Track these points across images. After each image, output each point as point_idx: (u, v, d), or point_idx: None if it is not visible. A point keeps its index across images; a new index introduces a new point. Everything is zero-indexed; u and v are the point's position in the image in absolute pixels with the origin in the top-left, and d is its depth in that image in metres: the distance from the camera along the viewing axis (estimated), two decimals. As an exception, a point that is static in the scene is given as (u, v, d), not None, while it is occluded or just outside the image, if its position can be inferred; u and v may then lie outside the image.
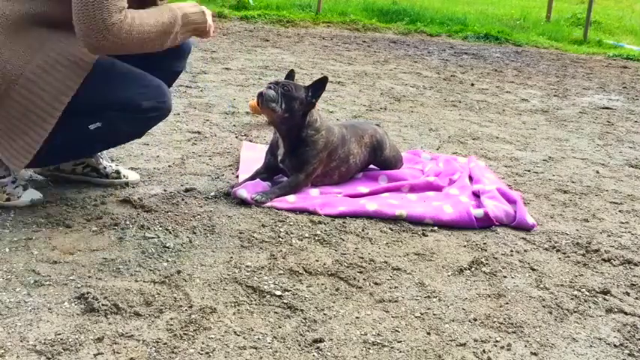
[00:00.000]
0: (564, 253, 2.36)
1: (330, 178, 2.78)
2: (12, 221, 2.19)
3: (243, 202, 2.51)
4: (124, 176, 2.62)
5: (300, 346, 1.64)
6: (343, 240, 2.28)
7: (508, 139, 4.02)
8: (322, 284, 1.96)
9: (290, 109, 2.59)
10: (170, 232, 2.21)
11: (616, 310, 1.98)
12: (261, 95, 2.57)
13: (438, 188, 2.85)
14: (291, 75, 2.75)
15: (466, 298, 1.96)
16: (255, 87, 4.76)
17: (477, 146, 3.75)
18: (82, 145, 2.34)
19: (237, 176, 2.80)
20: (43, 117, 2.12)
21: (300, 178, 2.65)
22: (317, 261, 2.09)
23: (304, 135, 2.65)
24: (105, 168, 2.60)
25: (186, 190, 2.59)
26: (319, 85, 2.66)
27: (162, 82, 2.33)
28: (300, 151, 2.65)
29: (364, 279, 2.01)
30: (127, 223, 2.24)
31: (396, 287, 1.99)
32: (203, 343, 1.61)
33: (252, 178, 2.69)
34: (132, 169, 2.77)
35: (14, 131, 2.12)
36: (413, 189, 2.81)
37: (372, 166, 2.99)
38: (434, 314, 1.85)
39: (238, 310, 1.78)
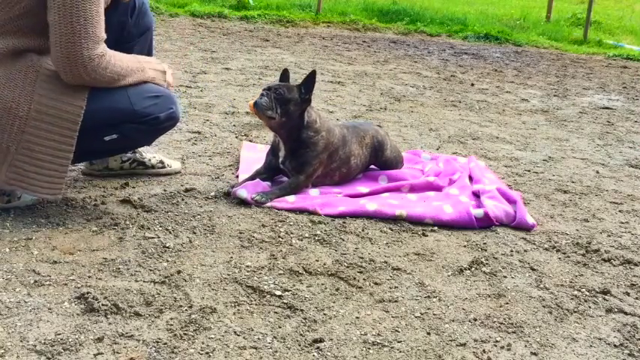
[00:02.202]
0: (564, 253, 2.36)
1: (331, 179, 2.78)
2: (12, 221, 2.19)
3: (243, 202, 2.51)
4: (167, 165, 2.77)
5: (300, 346, 1.64)
6: (343, 240, 2.28)
7: (508, 139, 4.02)
8: (322, 284, 1.96)
9: (286, 112, 2.59)
10: (170, 232, 2.21)
11: (616, 310, 1.98)
12: (256, 104, 2.57)
13: (438, 188, 2.85)
14: (285, 75, 2.75)
15: (466, 298, 1.96)
16: (255, 87, 4.76)
17: (477, 146, 3.75)
18: (93, 153, 2.42)
19: (237, 176, 2.80)
20: (63, 141, 2.12)
21: (301, 179, 2.65)
22: (317, 261, 2.09)
23: (304, 136, 2.65)
24: (150, 160, 2.73)
25: (186, 190, 2.59)
26: (310, 80, 2.64)
27: (169, 91, 2.39)
28: (301, 152, 2.65)
29: (364, 279, 2.01)
30: (127, 223, 2.24)
31: (396, 287, 1.99)
32: (203, 343, 1.61)
33: (252, 178, 2.69)
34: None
35: (40, 165, 2.12)
36: (413, 189, 2.81)
37: (372, 166, 2.99)
38: (434, 314, 1.85)
39: (238, 310, 1.78)
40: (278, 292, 1.88)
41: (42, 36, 2.13)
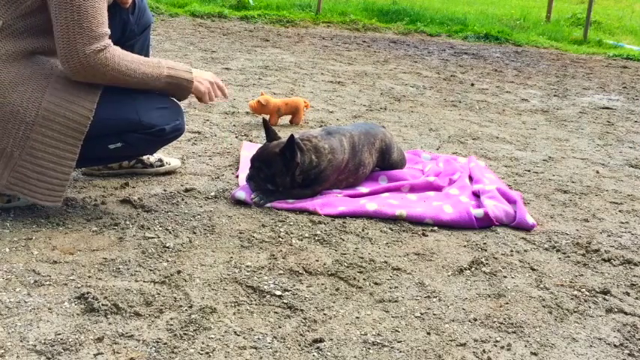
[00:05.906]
0: (564, 253, 2.36)
1: (337, 187, 2.75)
2: (12, 221, 2.19)
3: (243, 202, 2.51)
4: (166, 163, 2.78)
5: (300, 346, 1.64)
6: (343, 240, 2.28)
7: (508, 139, 4.01)
8: (322, 284, 1.96)
9: (279, 183, 2.53)
10: (170, 232, 2.21)
11: (616, 310, 1.98)
12: (255, 203, 2.50)
13: (438, 188, 2.85)
14: (266, 126, 2.65)
15: (466, 298, 1.96)
16: (255, 87, 4.76)
17: (477, 146, 3.75)
18: (96, 160, 2.42)
19: (237, 176, 2.80)
20: (67, 149, 2.12)
21: (306, 193, 2.62)
22: (317, 261, 2.09)
23: (311, 175, 2.59)
24: (148, 157, 2.73)
25: (186, 190, 2.59)
26: (289, 146, 2.50)
27: (176, 101, 2.38)
28: (311, 178, 2.61)
29: (364, 279, 2.01)
30: (127, 223, 2.25)
31: (396, 287, 1.99)
32: (203, 343, 1.61)
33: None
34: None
35: (42, 172, 2.12)
36: (413, 189, 2.81)
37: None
38: (434, 314, 1.85)
39: (238, 310, 1.78)
40: (278, 292, 1.88)
41: (51, 35, 2.12)
